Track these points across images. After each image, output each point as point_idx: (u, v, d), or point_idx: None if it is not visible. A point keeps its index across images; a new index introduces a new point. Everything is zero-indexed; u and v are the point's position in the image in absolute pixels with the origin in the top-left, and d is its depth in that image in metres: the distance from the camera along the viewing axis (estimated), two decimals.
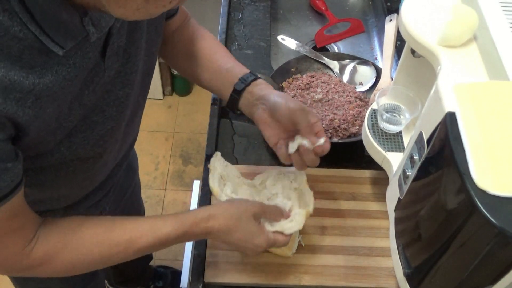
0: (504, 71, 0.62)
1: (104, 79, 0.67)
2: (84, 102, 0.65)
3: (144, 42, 0.74)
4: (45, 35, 0.54)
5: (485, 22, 0.68)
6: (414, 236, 0.71)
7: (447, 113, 0.60)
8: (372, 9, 1.49)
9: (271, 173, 0.90)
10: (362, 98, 1.15)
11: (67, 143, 0.67)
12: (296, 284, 0.87)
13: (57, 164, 0.70)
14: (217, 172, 0.87)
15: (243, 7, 1.41)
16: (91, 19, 0.58)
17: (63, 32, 0.55)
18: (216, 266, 0.88)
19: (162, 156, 2.20)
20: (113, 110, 0.71)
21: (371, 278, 0.88)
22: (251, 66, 1.24)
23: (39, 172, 0.70)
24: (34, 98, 0.55)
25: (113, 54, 0.66)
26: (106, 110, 0.70)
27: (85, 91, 0.64)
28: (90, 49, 0.61)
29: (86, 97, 0.65)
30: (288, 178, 0.89)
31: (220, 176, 0.87)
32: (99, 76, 0.66)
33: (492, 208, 0.51)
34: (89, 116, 0.68)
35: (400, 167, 0.80)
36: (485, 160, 0.54)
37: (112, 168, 0.93)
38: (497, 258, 0.54)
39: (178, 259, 1.83)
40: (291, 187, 0.88)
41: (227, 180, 0.88)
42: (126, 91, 0.72)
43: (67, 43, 0.56)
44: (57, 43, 0.55)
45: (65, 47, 0.56)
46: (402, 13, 0.75)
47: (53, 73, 0.57)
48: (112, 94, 0.70)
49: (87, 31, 0.58)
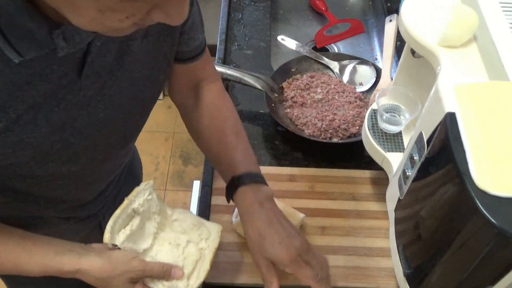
0: (504, 72, 0.62)
1: (79, 98, 0.64)
2: (53, 119, 0.63)
3: (143, 67, 0.71)
4: (4, 40, 0.52)
5: (485, 23, 0.68)
6: (414, 237, 0.71)
7: (447, 113, 0.60)
8: (372, 9, 1.49)
9: (187, 219, 0.80)
10: (362, 98, 1.15)
11: (38, 159, 0.65)
12: (296, 284, 0.87)
13: (27, 179, 0.69)
14: (130, 207, 0.74)
15: (243, 7, 1.41)
16: (63, 33, 0.55)
17: (28, 41, 0.53)
18: (216, 266, 0.88)
19: (162, 157, 2.20)
20: (91, 129, 0.69)
21: (371, 278, 0.88)
22: (251, 67, 1.24)
23: (10, 181, 0.68)
24: None
25: (92, 74, 0.64)
26: (82, 130, 0.67)
27: (54, 108, 0.62)
28: (56, 62, 0.58)
29: (56, 114, 0.62)
30: (201, 233, 0.79)
31: (132, 211, 0.74)
32: (72, 94, 0.63)
33: (492, 208, 0.50)
34: (64, 136, 0.66)
35: (400, 167, 0.80)
36: (485, 160, 0.54)
37: (107, 184, 0.91)
38: (497, 258, 0.54)
39: None
40: (198, 245, 0.78)
41: (143, 217, 0.76)
42: (107, 112, 0.69)
43: (29, 53, 0.54)
44: (15, 50, 0.53)
45: (25, 56, 0.54)
46: (402, 13, 0.75)
47: (8, 81, 0.55)
48: (92, 115, 0.68)
49: (56, 44, 0.56)
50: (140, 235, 0.75)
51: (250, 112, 1.16)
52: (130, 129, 0.80)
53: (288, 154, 1.08)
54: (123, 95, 0.70)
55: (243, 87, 1.16)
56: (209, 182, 1.00)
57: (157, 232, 0.77)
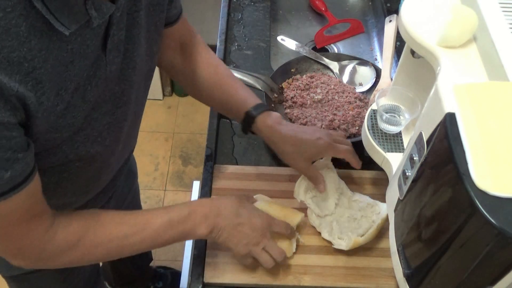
0: (503, 72, 0.62)
1: (106, 74, 0.66)
2: (87, 97, 0.65)
3: (143, 39, 0.73)
4: (51, 14, 0.53)
5: (485, 23, 0.68)
6: (414, 237, 0.71)
7: (446, 113, 0.60)
8: (371, 9, 1.49)
9: (364, 200, 0.97)
10: (362, 98, 1.15)
11: (69, 142, 0.67)
12: (296, 284, 0.87)
13: (59, 166, 0.70)
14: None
15: (243, 7, 1.41)
16: (93, 4, 0.58)
17: (67, 13, 0.55)
18: (216, 267, 0.88)
19: (162, 157, 2.20)
20: (108, 105, 0.71)
21: (371, 278, 0.88)
22: (251, 67, 1.24)
23: (42, 174, 0.70)
24: (35, 82, 0.55)
25: (113, 48, 0.66)
26: (102, 105, 0.70)
27: (87, 86, 0.64)
28: (89, 37, 0.61)
29: (89, 93, 0.65)
30: (374, 210, 0.95)
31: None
32: (101, 71, 0.65)
33: (491, 209, 0.50)
34: (89, 113, 0.67)
35: (399, 167, 0.80)
36: (485, 160, 0.54)
37: (116, 172, 0.92)
38: (496, 259, 0.54)
39: (177, 259, 1.83)
40: (370, 218, 0.94)
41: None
42: (122, 87, 0.72)
43: (71, 25, 0.56)
44: (62, 24, 0.55)
45: (70, 28, 0.56)
46: (402, 13, 0.75)
47: (53, 58, 0.56)
48: (113, 91, 0.70)
49: (90, 15, 0.58)
50: (323, 201, 0.95)
51: None
52: (139, 105, 0.82)
53: None
54: (135, 70, 0.72)
55: None
56: (209, 183, 1.00)
57: (338, 204, 0.95)
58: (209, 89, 0.94)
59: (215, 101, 0.96)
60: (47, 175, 0.70)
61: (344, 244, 0.88)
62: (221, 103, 0.95)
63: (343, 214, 0.95)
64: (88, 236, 0.71)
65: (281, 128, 0.90)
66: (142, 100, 0.83)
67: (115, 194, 1.01)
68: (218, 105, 0.98)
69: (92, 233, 0.71)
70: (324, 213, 0.93)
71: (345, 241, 0.88)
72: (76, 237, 0.70)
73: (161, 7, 0.76)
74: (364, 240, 0.88)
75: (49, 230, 0.68)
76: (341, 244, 0.88)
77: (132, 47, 0.70)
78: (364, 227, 0.91)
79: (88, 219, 0.72)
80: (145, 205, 2.01)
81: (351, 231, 0.90)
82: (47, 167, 0.69)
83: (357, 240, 0.87)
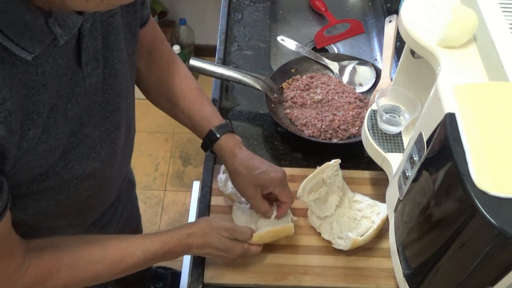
0: (503, 72, 0.62)
1: (86, 88, 0.63)
2: (69, 116, 0.62)
3: (123, 44, 0.70)
4: (10, 41, 0.50)
5: (485, 23, 0.68)
6: (414, 237, 0.71)
7: (446, 114, 0.60)
8: (371, 10, 1.49)
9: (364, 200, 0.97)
10: (362, 99, 1.15)
11: (62, 163, 0.64)
12: (296, 285, 0.87)
13: (55, 187, 0.68)
14: (320, 176, 0.92)
15: (243, 8, 1.41)
16: (56, 20, 0.54)
17: (29, 36, 0.51)
18: (216, 267, 0.88)
19: (162, 157, 2.20)
20: (96, 118, 0.69)
21: (371, 279, 0.88)
22: (251, 67, 1.24)
23: (40, 199, 0.68)
24: (7, 113, 0.51)
25: (90, 60, 0.63)
26: (90, 119, 0.67)
27: (67, 104, 0.61)
28: (60, 55, 0.57)
29: (70, 111, 0.62)
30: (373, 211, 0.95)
31: (321, 180, 0.93)
32: (79, 87, 0.62)
33: (492, 209, 0.50)
34: (79, 130, 0.65)
35: (399, 168, 0.80)
36: (485, 161, 0.54)
37: (121, 183, 0.91)
38: (497, 259, 0.54)
39: (178, 260, 1.83)
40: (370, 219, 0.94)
41: (329, 189, 0.94)
42: (107, 96, 0.69)
43: (35, 48, 0.52)
44: (23, 49, 0.51)
45: (34, 52, 0.52)
46: (402, 14, 0.75)
47: (17, 83, 0.52)
48: (99, 103, 0.68)
49: (54, 33, 0.54)
50: (324, 203, 0.94)
51: (250, 113, 1.16)
52: (130, 111, 0.81)
53: (287, 154, 1.08)
54: (118, 77, 0.70)
55: (242, 87, 1.16)
56: (209, 183, 1.00)
57: (338, 205, 0.95)
58: (174, 99, 0.90)
59: (179, 112, 0.92)
60: (46, 197, 0.68)
61: (344, 244, 0.88)
62: (184, 114, 0.91)
63: (343, 214, 0.95)
64: (59, 274, 0.68)
65: (242, 151, 0.88)
66: (131, 106, 0.80)
67: (121, 204, 0.99)
68: (180, 116, 0.93)
69: (64, 272, 0.68)
70: (324, 214, 0.93)
71: (345, 241, 0.88)
72: (46, 275, 0.67)
73: (134, 7, 0.73)
74: (364, 240, 0.88)
75: (18, 271, 0.64)
76: (341, 244, 0.88)
77: (112, 55, 0.68)
78: (364, 227, 0.91)
79: (61, 255, 0.68)
80: (145, 206, 2.01)
81: (351, 231, 0.90)
82: (44, 190, 0.67)
83: (356, 240, 0.87)
